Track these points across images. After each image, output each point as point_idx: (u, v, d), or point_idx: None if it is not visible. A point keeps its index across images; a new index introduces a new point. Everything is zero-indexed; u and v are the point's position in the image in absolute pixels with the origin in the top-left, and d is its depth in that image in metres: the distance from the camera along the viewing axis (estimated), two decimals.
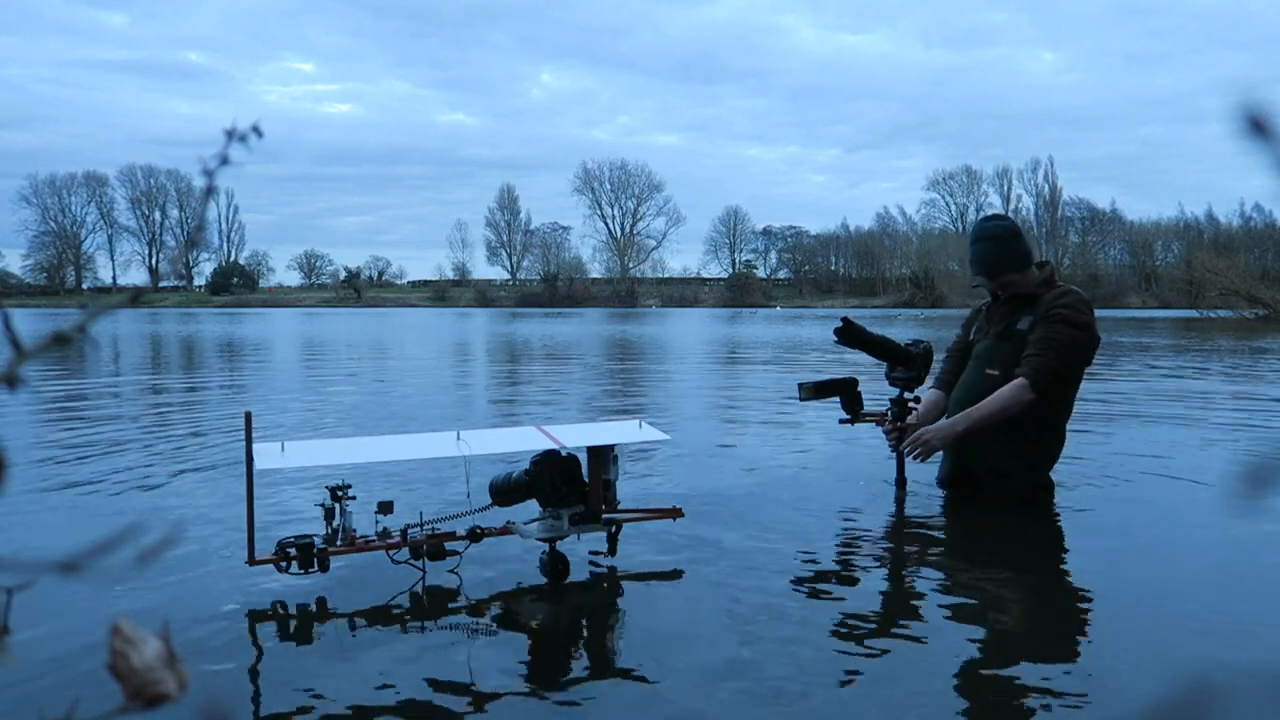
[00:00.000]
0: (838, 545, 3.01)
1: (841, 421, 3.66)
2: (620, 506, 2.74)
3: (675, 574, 2.67)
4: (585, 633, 2.31)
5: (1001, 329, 3.57)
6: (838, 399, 3.61)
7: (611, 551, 2.73)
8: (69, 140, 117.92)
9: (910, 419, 3.57)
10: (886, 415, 3.61)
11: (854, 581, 2.64)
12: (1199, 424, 5.81)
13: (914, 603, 2.49)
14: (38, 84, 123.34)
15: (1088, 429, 5.32)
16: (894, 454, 3.63)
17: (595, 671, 2.01)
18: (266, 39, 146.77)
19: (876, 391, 3.93)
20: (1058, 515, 3.37)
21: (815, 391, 3.57)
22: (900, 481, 3.65)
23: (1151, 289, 72.47)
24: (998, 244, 3.56)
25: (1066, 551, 3.01)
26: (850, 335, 3.46)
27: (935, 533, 3.21)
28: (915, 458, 3.46)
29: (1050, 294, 3.51)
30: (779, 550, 2.90)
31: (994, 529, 3.29)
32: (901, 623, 2.30)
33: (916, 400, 3.63)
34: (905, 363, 3.57)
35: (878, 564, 2.83)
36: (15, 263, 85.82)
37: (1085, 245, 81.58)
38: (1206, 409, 6.63)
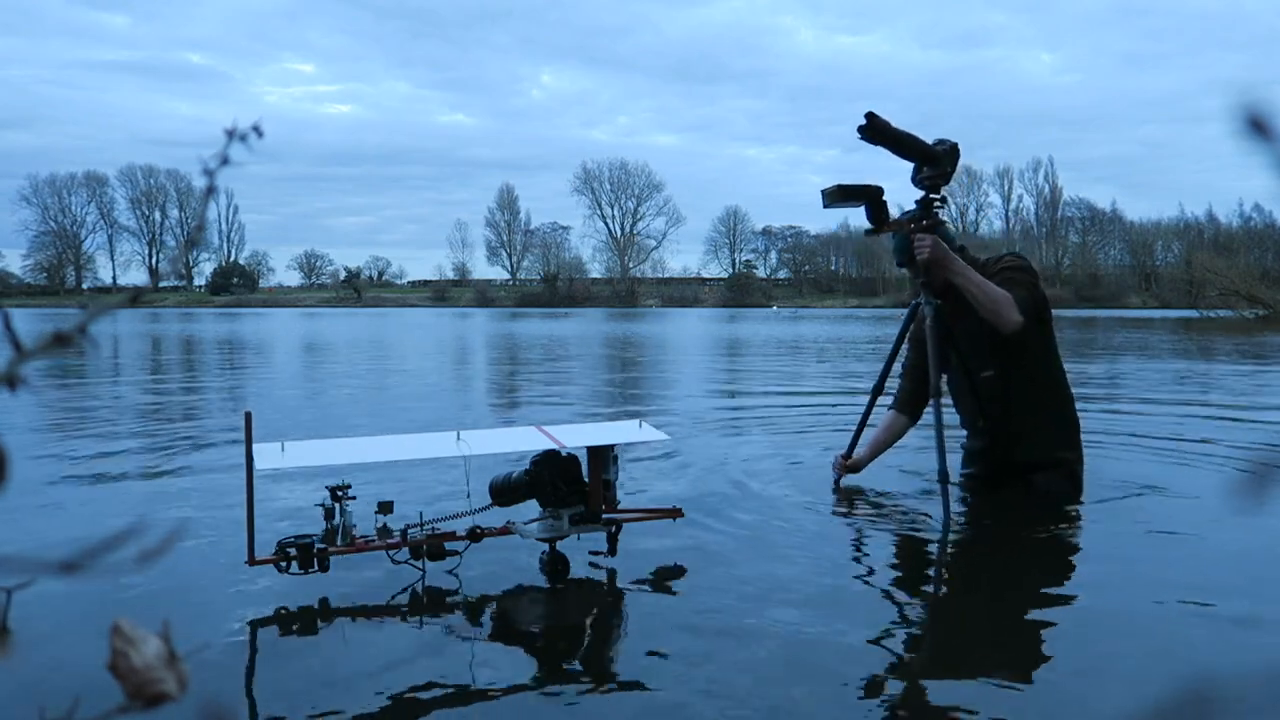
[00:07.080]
0: (842, 546, 3.00)
1: (867, 233, 3.59)
2: (620, 506, 2.75)
3: (676, 575, 2.67)
4: (585, 633, 2.31)
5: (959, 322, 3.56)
6: (862, 207, 3.49)
7: (611, 552, 2.73)
8: (70, 140, 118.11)
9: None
10: (910, 222, 3.50)
11: (857, 583, 2.64)
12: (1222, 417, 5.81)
13: (914, 602, 2.49)
14: (39, 85, 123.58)
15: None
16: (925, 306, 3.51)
17: (595, 672, 2.01)
18: (267, 40, 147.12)
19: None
20: (1081, 515, 3.37)
21: (839, 195, 3.47)
22: (943, 475, 3.26)
23: (1151, 289, 72.37)
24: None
25: (1093, 555, 3.01)
26: (876, 130, 3.32)
27: (942, 532, 3.21)
28: (917, 255, 3.44)
29: (991, 263, 3.64)
30: (780, 551, 2.90)
31: (1012, 529, 3.29)
32: (901, 622, 2.30)
33: (942, 201, 3.52)
34: (932, 161, 3.44)
35: (881, 565, 2.83)
36: (15, 263, 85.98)
37: (1085, 245, 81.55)
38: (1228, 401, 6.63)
